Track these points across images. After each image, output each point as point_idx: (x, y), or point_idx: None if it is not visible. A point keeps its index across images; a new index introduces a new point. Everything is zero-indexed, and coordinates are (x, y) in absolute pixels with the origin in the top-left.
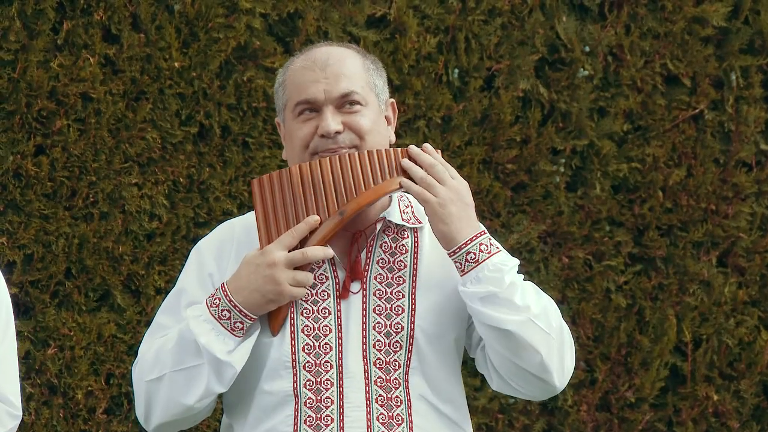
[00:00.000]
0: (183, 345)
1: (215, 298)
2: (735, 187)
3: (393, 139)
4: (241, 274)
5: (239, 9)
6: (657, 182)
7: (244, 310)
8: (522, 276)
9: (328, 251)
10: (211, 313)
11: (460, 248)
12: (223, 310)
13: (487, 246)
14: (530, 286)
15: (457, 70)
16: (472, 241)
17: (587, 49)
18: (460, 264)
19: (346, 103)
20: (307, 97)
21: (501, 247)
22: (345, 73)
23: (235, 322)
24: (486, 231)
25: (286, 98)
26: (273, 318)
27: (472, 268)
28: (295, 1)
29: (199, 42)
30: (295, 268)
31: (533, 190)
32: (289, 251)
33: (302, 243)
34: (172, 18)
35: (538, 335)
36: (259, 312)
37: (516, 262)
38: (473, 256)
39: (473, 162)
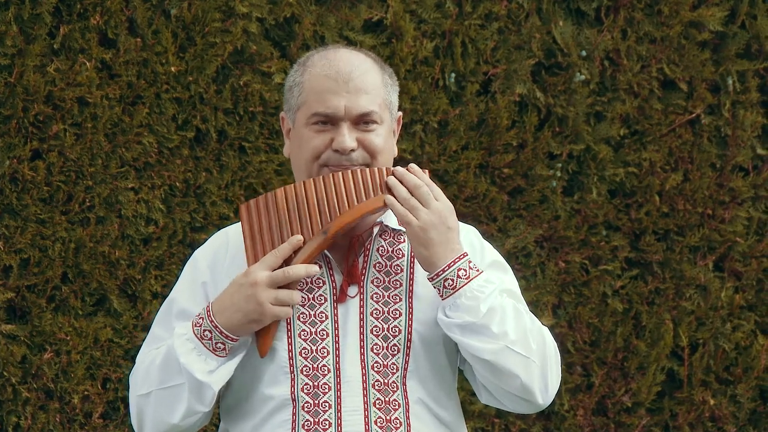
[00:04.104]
0: (168, 362)
1: (199, 318)
2: (731, 191)
3: (396, 152)
4: (225, 294)
5: (236, 13)
6: (654, 187)
7: (225, 331)
8: (504, 295)
9: (312, 269)
10: (194, 332)
11: (438, 275)
12: (204, 330)
13: (465, 271)
14: (510, 308)
15: (453, 75)
16: (450, 267)
17: (584, 53)
18: (439, 290)
19: (363, 121)
20: (326, 111)
21: (482, 269)
22: (366, 90)
23: (216, 343)
24: (467, 254)
25: (302, 101)
26: (261, 339)
27: (450, 295)
28: (291, 6)
29: (195, 46)
30: (280, 287)
31: (530, 194)
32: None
33: (288, 263)
34: (168, 22)
35: (516, 360)
36: (242, 332)
37: (497, 284)
38: (451, 282)
39: (470, 166)
